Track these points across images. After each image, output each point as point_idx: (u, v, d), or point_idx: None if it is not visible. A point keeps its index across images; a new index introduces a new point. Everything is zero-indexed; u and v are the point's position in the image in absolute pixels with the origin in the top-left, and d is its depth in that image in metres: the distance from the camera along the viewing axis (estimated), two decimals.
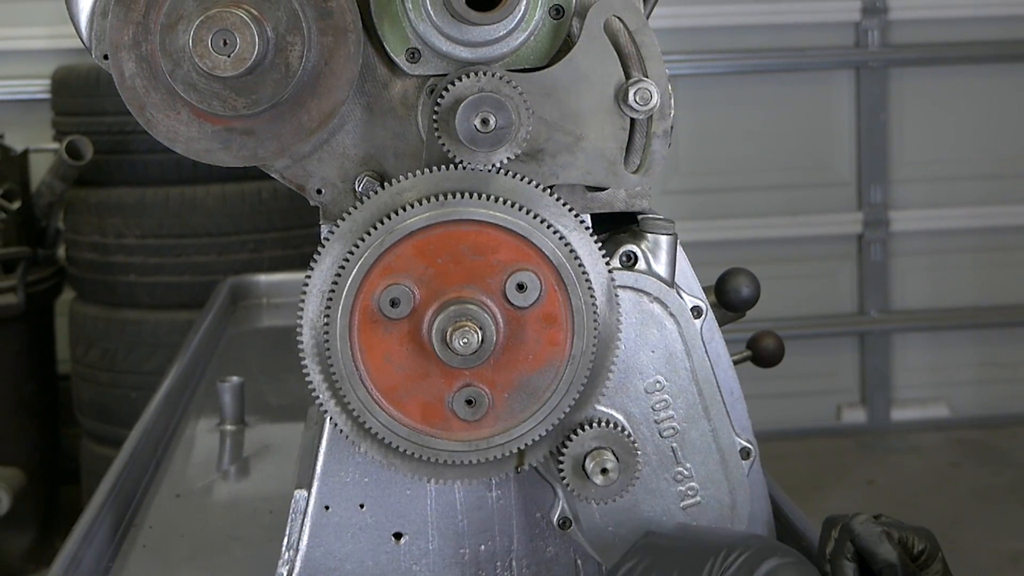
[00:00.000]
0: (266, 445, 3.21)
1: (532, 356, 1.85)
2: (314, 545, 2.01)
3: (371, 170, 1.94)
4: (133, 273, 6.29)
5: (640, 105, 1.89)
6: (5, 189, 6.59)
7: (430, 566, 2.03)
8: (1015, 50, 7.89)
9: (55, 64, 6.79)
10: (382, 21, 1.89)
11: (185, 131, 1.83)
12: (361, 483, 2.00)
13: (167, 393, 3.40)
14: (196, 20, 1.73)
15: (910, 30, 7.96)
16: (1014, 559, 6.32)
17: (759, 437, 2.10)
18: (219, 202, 6.19)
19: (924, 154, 7.93)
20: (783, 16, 7.89)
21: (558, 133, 1.90)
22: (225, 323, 4.51)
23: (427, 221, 1.81)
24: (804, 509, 2.40)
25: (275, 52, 1.77)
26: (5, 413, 6.40)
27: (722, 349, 2.04)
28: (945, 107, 7.88)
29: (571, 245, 1.84)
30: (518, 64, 1.91)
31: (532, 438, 1.87)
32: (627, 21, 1.90)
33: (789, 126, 8.02)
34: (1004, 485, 6.90)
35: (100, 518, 2.59)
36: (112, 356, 6.33)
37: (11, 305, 6.29)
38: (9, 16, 7.40)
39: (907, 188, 7.99)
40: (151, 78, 1.80)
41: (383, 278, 1.81)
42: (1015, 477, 7.11)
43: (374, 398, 1.85)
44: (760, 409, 2.57)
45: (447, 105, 1.82)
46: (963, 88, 7.90)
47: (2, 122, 7.17)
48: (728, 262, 2.34)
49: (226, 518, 2.80)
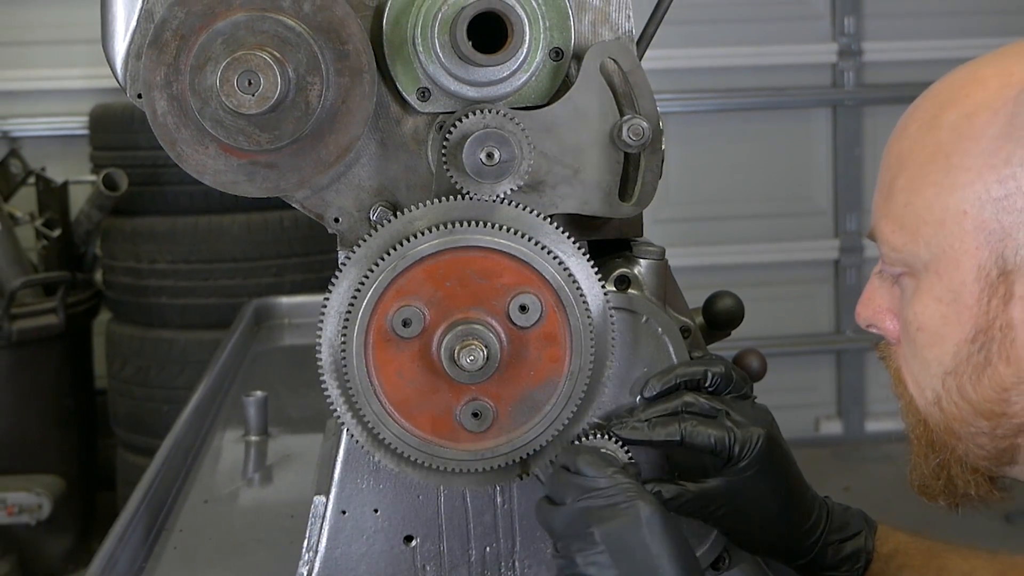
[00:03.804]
0: (287, 455, 3.20)
1: (533, 372, 1.85)
2: (332, 547, 2.00)
3: (385, 200, 1.94)
4: (165, 296, 6.30)
5: (633, 140, 1.89)
6: (47, 218, 6.60)
7: (439, 566, 2.02)
8: None
9: (93, 102, 6.80)
10: (395, 62, 1.89)
11: (213, 164, 1.82)
12: (376, 490, 2.00)
13: (196, 406, 3.40)
14: (223, 62, 1.73)
15: (883, 71, 7.97)
16: None
17: None
18: (244, 230, 6.19)
19: None
20: (766, 58, 7.90)
21: (558, 166, 1.90)
22: (250, 342, 4.50)
23: (436, 248, 1.81)
24: None
25: (296, 91, 1.77)
26: (46, 425, 6.40)
27: None
28: None
29: (569, 269, 1.83)
30: (520, 102, 1.91)
31: (534, 448, 1.87)
32: (621, 62, 1.90)
33: (771, 160, 8.03)
34: None
35: (134, 522, 2.58)
36: (145, 372, 6.33)
37: (52, 325, 6.30)
38: (50, 58, 7.41)
39: None
40: (181, 115, 1.79)
41: (396, 300, 1.81)
42: None
43: (387, 411, 1.84)
44: None
45: (455, 140, 1.82)
46: None
47: (44, 156, 7.18)
48: (715, 285, 2.33)
49: (251, 522, 2.79)
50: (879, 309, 1.64)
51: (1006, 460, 1.54)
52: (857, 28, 7.93)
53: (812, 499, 1.94)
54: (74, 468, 6.48)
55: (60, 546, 6.37)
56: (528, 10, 1.86)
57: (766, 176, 8.03)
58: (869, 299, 1.66)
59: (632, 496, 1.71)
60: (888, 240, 1.56)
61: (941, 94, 1.54)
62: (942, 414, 1.55)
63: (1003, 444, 1.51)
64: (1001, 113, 1.44)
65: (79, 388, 6.66)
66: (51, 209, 6.63)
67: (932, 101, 1.54)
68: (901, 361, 1.62)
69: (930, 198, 1.49)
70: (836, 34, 7.97)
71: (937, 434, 1.58)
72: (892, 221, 1.55)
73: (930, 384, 1.55)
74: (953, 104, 1.50)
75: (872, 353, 8.06)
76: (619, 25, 1.95)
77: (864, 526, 1.98)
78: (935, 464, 1.61)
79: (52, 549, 6.34)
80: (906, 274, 1.55)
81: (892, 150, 1.57)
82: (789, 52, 7.93)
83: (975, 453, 1.55)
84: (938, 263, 1.49)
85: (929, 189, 1.49)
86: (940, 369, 1.53)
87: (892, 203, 1.55)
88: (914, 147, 1.53)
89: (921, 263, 1.51)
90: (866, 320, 1.67)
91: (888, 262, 1.58)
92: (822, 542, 1.93)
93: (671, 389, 1.92)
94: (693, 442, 1.84)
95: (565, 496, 1.75)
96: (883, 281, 1.64)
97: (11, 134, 7.46)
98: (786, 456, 1.91)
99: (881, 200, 1.58)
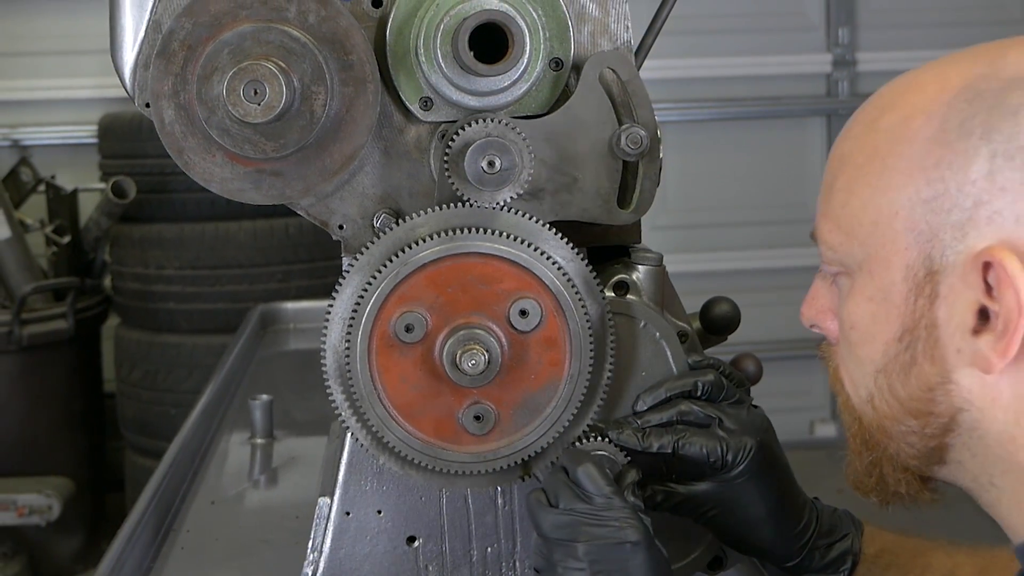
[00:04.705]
0: (293, 457, 3.20)
1: (534, 376, 1.85)
2: (336, 547, 2.00)
3: (388, 208, 1.94)
4: (172, 301, 6.29)
5: (632, 148, 1.89)
6: (56, 225, 6.60)
7: (441, 567, 2.02)
8: None
9: (101, 111, 6.81)
10: (398, 72, 1.89)
11: (219, 172, 1.83)
12: (379, 491, 2.00)
13: (203, 410, 3.40)
14: (229, 72, 1.73)
15: (876, 81, 7.90)
16: None
17: None
18: (250, 236, 6.19)
19: None
20: (761, 68, 7.90)
21: (557, 174, 1.90)
22: (256, 346, 4.50)
23: (438, 254, 1.81)
24: None
25: (301, 101, 1.77)
26: (56, 428, 6.40)
27: None
28: None
29: (569, 275, 1.83)
30: (521, 111, 1.91)
31: (535, 450, 1.87)
32: (620, 72, 1.90)
33: (767, 168, 8.02)
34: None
35: (142, 523, 2.59)
36: (153, 376, 6.33)
37: (62, 330, 6.30)
38: (60, 68, 7.40)
39: None
40: (189, 124, 1.80)
41: (398, 306, 1.81)
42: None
43: (391, 415, 1.84)
44: None
45: (457, 149, 1.82)
46: None
47: (53, 164, 7.18)
48: (711, 291, 2.33)
49: (256, 523, 2.79)
50: (821, 309, 1.65)
51: (935, 460, 1.55)
52: (851, 39, 7.94)
53: (803, 503, 1.95)
54: (83, 470, 6.48)
55: (70, 546, 6.37)
56: (528, 21, 1.86)
57: (762, 184, 8.03)
58: (812, 299, 1.67)
59: (623, 520, 1.71)
60: (826, 240, 1.57)
61: (883, 98, 1.54)
62: (875, 412, 1.56)
63: (932, 443, 1.52)
64: (935, 117, 1.44)
65: (88, 392, 6.66)
66: (61, 216, 6.63)
67: (874, 104, 1.55)
68: (839, 360, 1.63)
69: (865, 199, 1.50)
70: (830, 45, 7.96)
71: (870, 432, 1.59)
72: (830, 221, 1.56)
73: (864, 382, 1.56)
74: (892, 108, 1.51)
75: None
76: (618, 36, 1.95)
77: (851, 528, 1.98)
78: (868, 461, 1.62)
79: (62, 549, 6.34)
80: (842, 273, 1.56)
81: (835, 151, 1.58)
82: (784, 62, 7.93)
83: (906, 452, 1.56)
84: (871, 263, 1.50)
85: (865, 190, 1.50)
86: (872, 367, 1.53)
87: (831, 203, 1.56)
88: (854, 149, 1.54)
89: (856, 263, 1.52)
90: (809, 320, 1.68)
91: (826, 261, 1.59)
92: (811, 545, 1.94)
93: (662, 403, 1.93)
94: (686, 453, 1.86)
95: (559, 499, 1.75)
96: (824, 281, 1.65)
97: (22, 143, 7.46)
98: (778, 462, 1.92)
99: (822, 200, 1.59)
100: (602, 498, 1.73)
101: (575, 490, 1.75)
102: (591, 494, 1.73)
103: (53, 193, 6.74)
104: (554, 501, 1.76)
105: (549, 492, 1.78)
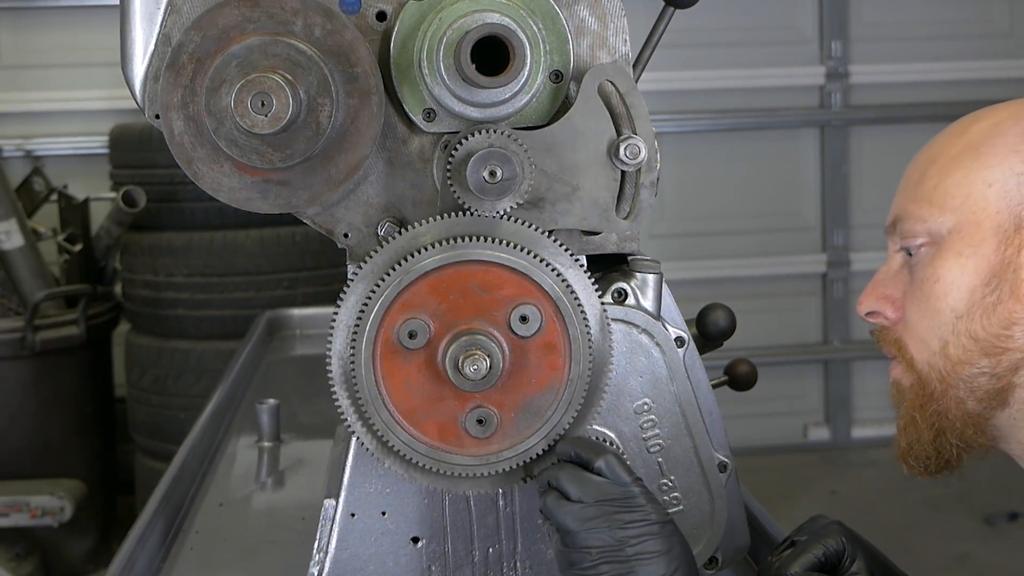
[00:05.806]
0: (299, 460, 3.20)
1: (535, 380, 1.85)
2: (341, 548, 2.00)
3: (392, 216, 1.94)
4: (181, 307, 6.29)
5: (630, 159, 1.89)
6: (68, 233, 6.60)
7: (444, 567, 2.02)
8: (961, 110, 7.86)
9: (112, 123, 6.81)
10: (401, 84, 1.89)
11: (227, 182, 1.83)
12: (383, 493, 2.00)
13: (211, 413, 3.40)
14: (237, 84, 1.74)
15: (868, 93, 7.98)
16: (961, 560, 6.30)
17: (735, 452, 2.09)
18: (258, 245, 6.19)
19: (881, 203, 7.87)
20: (756, 80, 7.91)
21: (557, 184, 1.90)
22: (263, 352, 4.50)
23: (441, 262, 1.81)
24: (775, 516, 2.41)
25: (307, 112, 1.77)
26: (68, 431, 6.39)
27: (702, 374, 2.03)
28: (900, 161, 7.76)
29: (568, 282, 1.83)
30: (522, 122, 1.91)
31: (536, 452, 1.87)
32: (618, 84, 1.90)
33: (761, 178, 8.04)
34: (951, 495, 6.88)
35: (152, 524, 2.58)
36: (163, 381, 6.33)
37: (73, 336, 6.30)
38: (71, 80, 7.42)
39: (866, 233, 7.98)
40: (197, 135, 1.80)
41: (402, 313, 1.81)
42: (961, 488, 7.02)
43: (395, 419, 1.84)
44: (736, 428, 2.57)
45: (459, 159, 1.82)
46: (916, 144, 7.76)
47: (66, 174, 7.19)
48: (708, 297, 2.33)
49: (264, 524, 2.79)
50: (881, 296, 1.82)
51: (998, 403, 1.70)
52: (844, 52, 7.95)
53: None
54: (95, 472, 6.48)
55: (81, 547, 6.36)
56: (529, 34, 1.87)
57: (757, 193, 8.04)
58: (873, 289, 1.83)
59: (652, 504, 1.77)
60: (915, 214, 1.76)
61: (966, 119, 1.79)
62: (946, 360, 1.72)
63: (1000, 384, 1.68)
64: (1022, 120, 1.71)
65: (99, 396, 6.66)
66: (73, 225, 6.63)
67: (959, 123, 1.79)
68: (904, 329, 1.77)
69: (959, 178, 1.72)
70: (824, 57, 7.98)
71: (935, 384, 1.73)
72: (921, 200, 1.75)
73: (938, 333, 1.72)
74: (979, 120, 1.77)
75: (858, 363, 8.04)
76: (616, 48, 1.95)
77: None
78: (930, 414, 1.74)
79: (74, 550, 6.34)
80: (927, 244, 1.74)
81: (921, 156, 1.81)
82: (779, 75, 7.94)
83: (971, 397, 1.70)
84: (961, 226, 1.70)
85: (958, 171, 1.72)
86: (952, 315, 1.70)
87: (922, 188, 1.77)
88: (945, 148, 1.76)
89: (946, 229, 1.71)
90: (868, 307, 1.83)
91: (911, 235, 1.77)
92: None
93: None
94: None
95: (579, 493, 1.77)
96: (887, 272, 1.81)
97: (34, 153, 7.46)
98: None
99: (910, 188, 1.79)
100: (625, 487, 1.77)
101: (597, 481, 1.78)
102: (618, 482, 1.78)
103: (65, 202, 6.74)
104: (574, 496, 1.77)
105: (564, 488, 1.79)
